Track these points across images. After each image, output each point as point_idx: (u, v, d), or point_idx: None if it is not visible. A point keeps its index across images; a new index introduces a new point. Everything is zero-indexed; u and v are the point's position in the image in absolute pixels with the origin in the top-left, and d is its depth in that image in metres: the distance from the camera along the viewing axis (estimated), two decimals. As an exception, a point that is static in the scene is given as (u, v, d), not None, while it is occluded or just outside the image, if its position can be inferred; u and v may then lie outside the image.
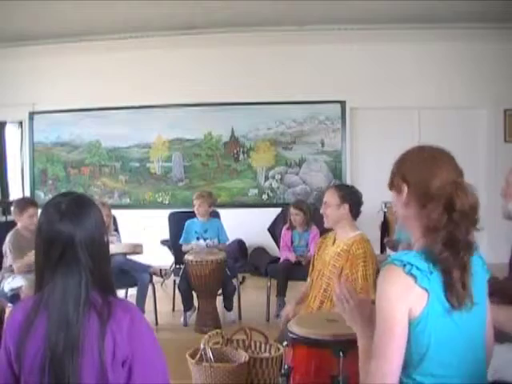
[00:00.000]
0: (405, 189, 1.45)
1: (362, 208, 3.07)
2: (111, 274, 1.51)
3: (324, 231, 3.35)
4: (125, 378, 1.41)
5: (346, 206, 2.93)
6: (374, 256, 2.91)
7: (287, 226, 5.02)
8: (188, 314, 4.65)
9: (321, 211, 3.03)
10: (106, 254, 1.51)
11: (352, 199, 2.96)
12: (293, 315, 2.90)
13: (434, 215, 1.36)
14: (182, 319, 4.64)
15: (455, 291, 1.34)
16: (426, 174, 1.42)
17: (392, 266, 1.36)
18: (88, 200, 1.52)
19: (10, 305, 3.60)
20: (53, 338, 1.34)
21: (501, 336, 1.82)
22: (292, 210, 4.91)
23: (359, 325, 1.55)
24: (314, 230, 4.89)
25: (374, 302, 1.43)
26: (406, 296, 1.32)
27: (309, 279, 3.13)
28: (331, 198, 2.96)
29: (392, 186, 1.52)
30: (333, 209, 2.94)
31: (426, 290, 1.33)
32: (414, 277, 1.32)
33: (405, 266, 1.33)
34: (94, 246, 1.43)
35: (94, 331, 1.36)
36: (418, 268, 1.33)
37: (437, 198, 1.37)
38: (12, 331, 1.37)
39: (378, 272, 2.86)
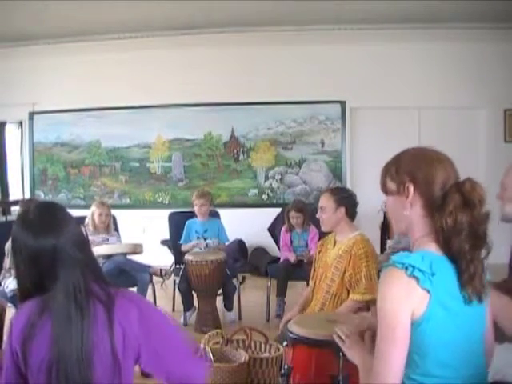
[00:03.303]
0: (411, 188, 1.43)
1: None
2: (99, 265, 1.57)
3: (323, 232, 3.35)
4: (150, 368, 1.44)
5: (343, 210, 2.93)
6: (375, 255, 2.91)
7: (285, 227, 5.02)
8: (188, 313, 4.65)
9: (317, 216, 3.03)
10: (89, 246, 1.55)
11: (348, 202, 2.96)
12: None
13: (459, 217, 1.35)
14: (182, 319, 4.63)
15: (474, 285, 1.36)
16: (432, 174, 1.41)
17: (394, 268, 1.35)
18: (51, 205, 1.56)
19: (10, 305, 3.60)
20: (60, 335, 1.35)
21: (501, 336, 1.82)
22: (293, 214, 4.91)
23: (361, 357, 1.56)
24: (313, 229, 4.88)
25: (374, 303, 1.43)
26: (409, 298, 1.32)
27: (311, 283, 3.12)
28: (327, 202, 2.95)
29: (388, 187, 1.50)
30: (329, 213, 2.94)
31: (428, 291, 1.32)
32: (417, 279, 1.32)
33: (407, 268, 1.33)
34: (77, 243, 1.45)
35: (101, 322, 1.37)
36: (420, 270, 1.32)
37: (451, 198, 1.37)
38: (17, 334, 1.38)
39: (379, 272, 2.87)
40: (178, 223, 5.17)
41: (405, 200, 1.44)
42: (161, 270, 4.74)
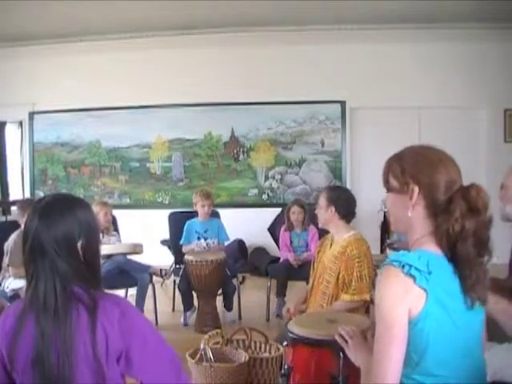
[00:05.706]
0: (416, 190, 1.41)
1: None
2: (99, 269, 1.53)
3: (323, 231, 3.37)
4: (124, 372, 1.42)
5: (332, 209, 2.98)
6: (369, 255, 2.91)
7: (284, 227, 5.01)
8: (188, 313, 4.65)
9: (315, 211, 3.12)
10: (93, 250, 1.50)
11: (339, 202, 2.98)
12: (294, 311, 2.96)
13: (466, 224, 1.35)
14: (181, 319, 4.64)
15: (476, 291, 1.36)
16: (436, 178, 1.40)
17: (391, 266, 1.36)
18: (69, 199, 1.52)
19: (9, 305, 3.60)
20: (41, 334, 1.35)
21: (501, 336, 1.82)
22: (295, 208, 4.90)
23: (364, 358, 1.56)
24: (312, 229, 4.87)
25: (372, 301, 1.43)
26: (406, 296, 1.33)
27: (310, 282, 3.14)
28: (321, 200, 3.04)
29: (391, 184, 1.49)
30: (322, 211, 3.03)
31: (425, 290, 1.33)
32: (413, 277, 1.32)
33: (403, 266, 1.33)
34: (64, 242, 1.41)
35: (84, 325, 1.36)
36: (416, 268, 1.33)
37: (457, 204, 1.36)
38: (3, 335, 1.38)
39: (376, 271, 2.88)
40: (178, 223, 5.16)
41: (408, 200, 1.43)
42: (161, 270, 4.74)
